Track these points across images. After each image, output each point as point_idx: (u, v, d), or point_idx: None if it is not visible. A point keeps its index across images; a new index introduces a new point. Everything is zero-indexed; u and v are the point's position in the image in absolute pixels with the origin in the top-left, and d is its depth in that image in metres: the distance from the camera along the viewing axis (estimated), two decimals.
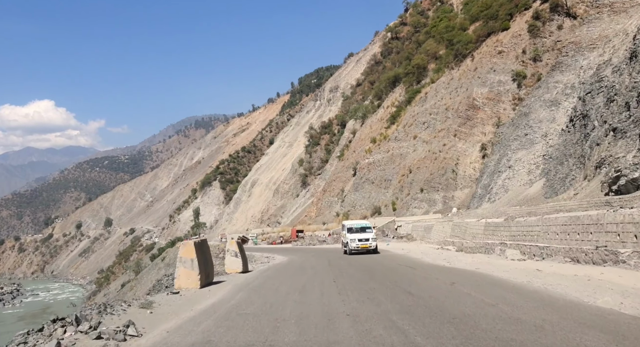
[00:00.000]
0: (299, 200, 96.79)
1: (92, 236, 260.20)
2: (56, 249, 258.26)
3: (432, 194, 49.68)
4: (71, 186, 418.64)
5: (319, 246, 37.91)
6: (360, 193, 61.61)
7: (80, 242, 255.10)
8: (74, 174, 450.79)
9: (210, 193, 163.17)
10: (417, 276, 12.75)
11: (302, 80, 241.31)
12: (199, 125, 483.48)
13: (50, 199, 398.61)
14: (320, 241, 41.10)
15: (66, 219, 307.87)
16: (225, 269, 14.80)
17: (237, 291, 10.75)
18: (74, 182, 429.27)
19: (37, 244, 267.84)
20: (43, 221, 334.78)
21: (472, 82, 56.99)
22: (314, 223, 66.24)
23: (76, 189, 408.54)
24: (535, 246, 12.69)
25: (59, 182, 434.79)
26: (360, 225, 25.18)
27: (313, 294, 9.89)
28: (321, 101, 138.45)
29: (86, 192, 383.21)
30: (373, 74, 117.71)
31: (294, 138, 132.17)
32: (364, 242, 22.59)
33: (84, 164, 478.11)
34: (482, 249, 16.73)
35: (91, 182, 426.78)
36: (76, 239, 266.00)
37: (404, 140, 60.29)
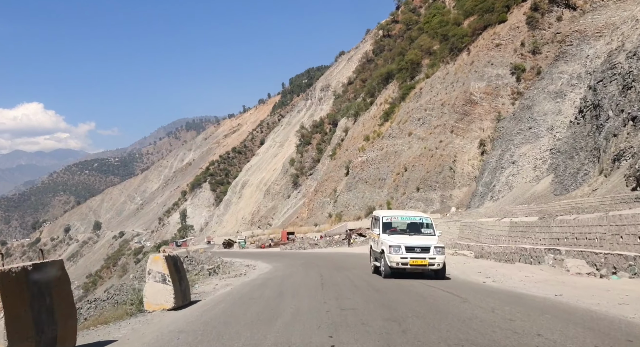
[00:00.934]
0: (290, 201, 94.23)
1: (80, 239, 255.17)
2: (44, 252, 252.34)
3: (429, 192, 47.43)
4: (60, 189, 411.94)
5: (310, 250, 35.06)
6: (353, 193, 59.22)
7: (68, 246, 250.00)
8: (63, 177, 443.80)
9: (200, 195, 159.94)
10: (482, 319, 6.22)
11: (292, 81, 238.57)
12: (190, 127, 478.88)
13: (39, 202, 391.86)
14: (311, 245, 38.32)
15: (54, 223, 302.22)
16: (145, 305, 7.89)
17: None
18: (63, 185, 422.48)
19: (24, 248, 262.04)
20: (31, 225, 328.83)
21: (468, 76, 54.91)
22: (306, 224, 63.74)
23: (65, 193, 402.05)
24: (609, 254, 9.39)
25: (48, 186, 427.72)
26: (412, 218, 13.43)
27: None
28: (312, 100, 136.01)
29: (76, 196, 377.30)
30: (365, 72, 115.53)
31: (285, 138, 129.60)
32: (420, 255, 11.34)
33: (73, 167, 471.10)
34: (515, 256, 13.82)
35: (81, 185, 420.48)
36: (64, 243, 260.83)
37: (399, 138, 58.03)
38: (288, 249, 37.99)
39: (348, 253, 27.06)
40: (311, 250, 34.42)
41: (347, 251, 28.98)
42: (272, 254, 32.89)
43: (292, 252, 34.45)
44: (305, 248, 36.74)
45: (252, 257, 26.89)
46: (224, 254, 35.26)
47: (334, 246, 35.26)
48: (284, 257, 25.70)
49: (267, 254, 33.64)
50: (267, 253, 34.91)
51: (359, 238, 30.10)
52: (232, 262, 20.79)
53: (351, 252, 27.34)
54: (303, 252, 32.69)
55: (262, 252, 37.03)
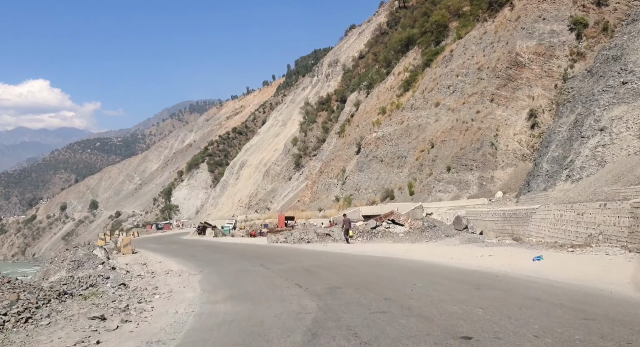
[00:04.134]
0: (292, 183, 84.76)
1: (76, 218, 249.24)
2: (39, 231, 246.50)
3: (464, 173, 37.69)
4: (61, 167, 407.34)
5: (321, 246, 20.83)
6: (365, 173, 49.57)
7: (64, 225, 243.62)
8: (65, 155, 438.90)
9: (197, 176, 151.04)
10: None
11: (298, 62, 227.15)
12: (193, 109, 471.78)
13: (40, 179, 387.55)
14: (319, 235, 23.56)
15: (51, 201, 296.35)
16: None
17: None
18: (65, 163, 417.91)
19: (19, 225, 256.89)
20: (28, 202, 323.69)
21: (513, 34, 44.67)
22: (308, 209, 54.33)
23: (66, 171, 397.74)
24: None
25: (49, 163, 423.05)
26: None
27: None
28: (319, 77, 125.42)
29: (76, 174, 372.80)
30: (378, 45, 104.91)
31: (287, 116, 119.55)
32: None
33: (75, 145, 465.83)
34: None
35: (82, 164, 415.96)
36: (60, 221, 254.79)
37: (423, 109, 48.09)
38: (281, 242, 24.86)
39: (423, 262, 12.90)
40: (322, 247, 20.14)
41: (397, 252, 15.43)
42: (253, 251, 21.04)
43: (287, 247, 22.02)
44: (311, 241, 23.24)
45: (210, 252, 17.98)
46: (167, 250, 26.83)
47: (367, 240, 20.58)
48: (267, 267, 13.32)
49: (241, 249, 23.17)
50: (245, 249, 23.15)
51: (396, 228, 19.91)
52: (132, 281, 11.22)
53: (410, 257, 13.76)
54: (310, 250, 19.07)
55: (239, 247, 25.58)
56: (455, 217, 19.97)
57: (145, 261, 17.92)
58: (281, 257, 16.66)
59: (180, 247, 28.00)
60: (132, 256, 20.40)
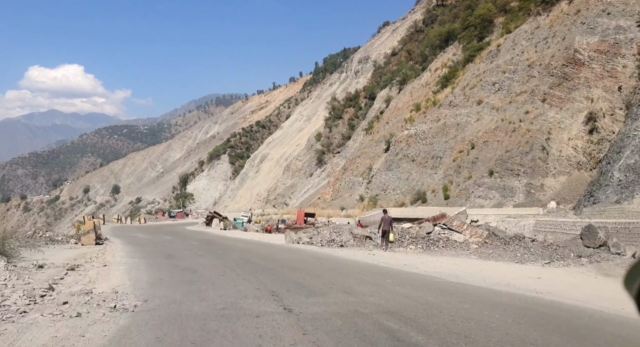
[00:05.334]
0: (312, 180, 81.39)
1: (98, 201, 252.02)
2: (61, 211, 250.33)
3: (509, 179, 33.55)
4: (88, 150, 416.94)
5: (362, 253, 14.85)
6: (394, 173, 45.75)
7: (86, 207, 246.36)
8: (93, 140, 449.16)
9: (217, 167, 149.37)
10: None
11: (327, 60, 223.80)
12: (219, 102, 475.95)
13: (67, 162, 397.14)
14: (357, 237, 17.58)
15: (75, 183, 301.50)
16: None
17: None
18: (92, 147, 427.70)
19: (42, 204, 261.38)
20: (52, 183, 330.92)
21: (572, 29, 40.16)
22: (329, 207, 50.86)
23: (93, 154, 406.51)
24: None
25: (77, 146, 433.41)
26: None
27: None
28: (348, 73, 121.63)
29: (102, 158, 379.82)
30: (412, 42, 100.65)
31: (313, 111, 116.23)
32: None
33: (103, 130, 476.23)
34: None
35: (108, 149, 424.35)
36: (82, 203, 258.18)
37: (463, 106, 43.97)
38: (304, 242, 18.31)
39: None
40: (368, 255, 13.93)
41: None
42: (264, 255, 14.06)
43: (318, 254, 14.29)
44: (346, 244, 16.89)
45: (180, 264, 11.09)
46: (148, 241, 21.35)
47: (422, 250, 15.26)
48: None
49: (251, 251, 15.46)
50: (255, 250, 16.01)
51: (453, 234, 15.69)
52: None
53: None
54: (351, 260, 12.58)
55: (248, 246, 18.27)
56: (586, 228, 13.44)
57: (94, 259, 12.23)
58: (310, 273, 9.48)
59: (171, 239, 22.36)
60: (89, 249, 15.05)
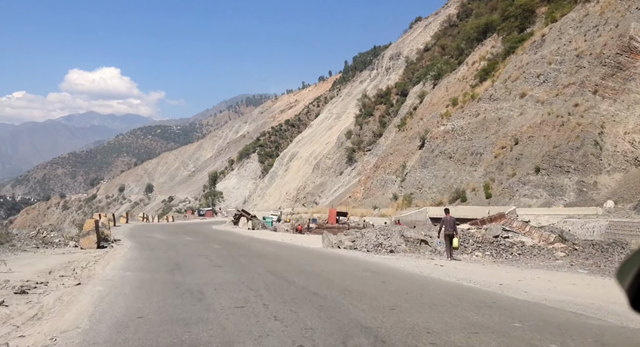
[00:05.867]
0: (343, 178, 79.84)
1: (132, 200, 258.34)
2: (98, 209, 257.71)
3: (557, 176, 31.04)
4: (124, 150, 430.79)
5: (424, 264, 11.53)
6: (430, 170, 43.67)
7: (121, 206, 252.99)
8: (128, 140, 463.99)
9: (247, 166, 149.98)
10: None
11: (356, 58, 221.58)
12: (249, 102, 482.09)
13: (104, 161, 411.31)
14: (410, 241, 14.91)
15: (111, 182, 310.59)
16: None
17: None
18: (127, 147, 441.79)
19: (80, 203, 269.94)
20: (89, 182, 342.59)
21: (626, 15, 37.05)
22: (361, 206, 49.22)
23: (128, 154, 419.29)
24: None
25: (113, 146, 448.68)
26: None
27: None
28: (378, 70, 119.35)
29: (137, 158, 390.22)
30: (445, 37, 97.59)
31: (342, 109, 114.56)
32: None
33: (138, 130, 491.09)
34: None
35: (143, 149, 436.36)
36: (117, 202, 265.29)
37: (505, 100, 41.43)
38: (346, 247, 15.39)
39: None
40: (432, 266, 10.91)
41: None
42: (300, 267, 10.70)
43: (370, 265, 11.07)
44: (397, 249, 14.40)
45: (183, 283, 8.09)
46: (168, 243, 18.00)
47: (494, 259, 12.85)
48: None
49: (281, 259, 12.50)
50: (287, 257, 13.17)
51: (518, 237, 13.30)
52: None
53: None
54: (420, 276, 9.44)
55: (278, 251, 15.24)
56: None
57: (77, 271, 9.75)
58: (376, 305, 6.42)
59: (190, 241, 19.59)
60: (85, 254, 12.64)
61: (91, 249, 14.30)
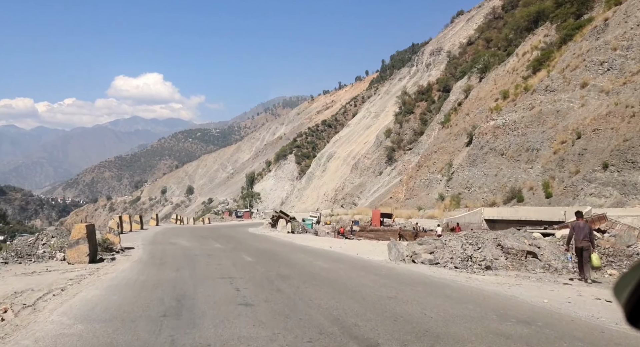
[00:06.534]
0: (382, 178, 77.40)
1: (174, 202, 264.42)
2: (142, 211, 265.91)
3: (631, 173, 27.67)
4: (166, 153, 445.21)
5: (574, 295, 7.65)
6: (479, 169, 40.77)
7: (163, 207, 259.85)
8: (170, 143, 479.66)
9: (284, 167, 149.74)
10: None
11: (394, 57, 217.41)
12: (286, 104, 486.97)
13: (147, 164, 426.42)
14: (511, 253, 11.32)
15: (154, 184, 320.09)
16: None
17: None
18: (169, 150, 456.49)
19: (125, 205, 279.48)
20: (134, 185, 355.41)
21: None
22: (403, 207, 46.82)
23: (170, 157, 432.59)
24: None
25: (156, 150, 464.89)
26: None
27: None
28: (418, 66, 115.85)
29: (178, 161, 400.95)
30: (490, 30, 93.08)
31: (381, 108, 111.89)
32: None
33: (179, 134, 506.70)
34: None
35: (184, 152, 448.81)
36: (160, 203, 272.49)
37: (563, 91, 38.00)
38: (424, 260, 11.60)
39: None
40: None
41: None
42: None
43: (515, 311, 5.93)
44: (493, 265, 10.86)
45: None
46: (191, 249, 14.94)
47: None
48: None
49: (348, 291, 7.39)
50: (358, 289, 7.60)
51: None
52: None
53: None
54: None
55: (335, 270, 10.62)
56: None
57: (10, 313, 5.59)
58: None
59: (219, 249, 15.54)
60: (61, 275, 9.35)
61: (81, 263, 10.91)
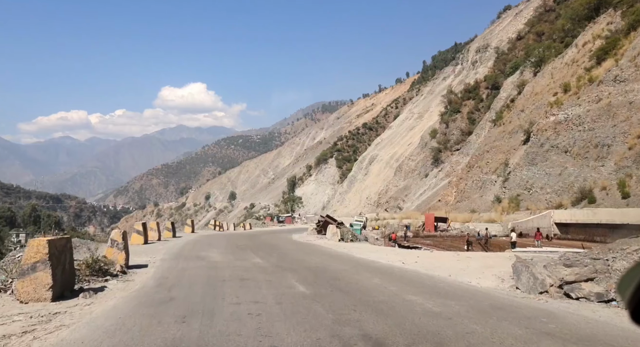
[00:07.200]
0: (428, 181, 74.28)
1: (217, 207, 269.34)
2: (186, 217, 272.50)
3: None
4: (209, 160, 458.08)
5: None
6: (540, 168, 37.49)
7: (207, 213, 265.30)
8: (213, 150, 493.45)
9: (325, 171, 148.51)
10: None
11: (435, 57, 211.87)
12: (325, 109, 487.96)
13: (192, 171, 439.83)
14: None
15: (198, 190, 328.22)
16: None
17: None
18: (212, 157, 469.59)
19: (172, 211, 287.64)
20: (179, 191, 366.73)
21: None
22: (454, 210, 44.02)
23: (213, 164, 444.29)
24: None
25: (200, 157, 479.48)
26: None
27: None
28: (463, 64, 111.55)
29: (221, 167, 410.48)
30: (542, 23, 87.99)
31: (424, 108, 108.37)
32: None
33: (222, 141, 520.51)
34: None
35: (226, 158, 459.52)
36: (204, 209, 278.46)
37: (635, 80, 34.22)
38: (586, 296, 6.00)
39: None
40: None
41: None
42: None
43: None
44: None
45: None
46: None
47: None
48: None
49: None
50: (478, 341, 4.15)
51: None
52: None
53: None
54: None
55: (439, 303, 6.26)
56: None
57: None
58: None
59: (258, 266, 11.17)
60: None
61: (39, 302, 6.38)
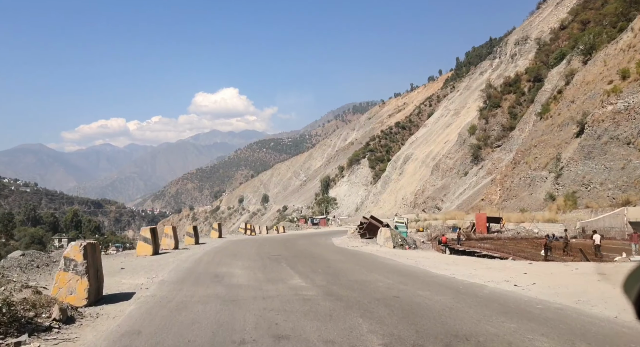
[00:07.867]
0: (468, 179, 70.86)
1: (251, 210, 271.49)
2: (221, 220, 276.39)
3: None
4: (242, 164, 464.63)
5: None
6: (598, 161, 34.22)
7: (241, 216, 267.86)
8: (245, 154, 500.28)
9: (357, 172, 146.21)
10: None
11: (469, 53, 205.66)
12: (356, 110, 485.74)
13: (225, 175, 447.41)
14: None
15: (231, 194, 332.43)
16: None
17: None
18: (245, 161, 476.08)
19: (206, 214, 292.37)
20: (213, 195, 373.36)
21: None
22: (501, 210, 41.00)
23: (246, 167, 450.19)
24: None
25: (233, 161, 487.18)
26: None
27: None
28: (501, 58, 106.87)
29: (253, 170, 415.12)
30: (586, 11, 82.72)
31: (461, 104, 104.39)
32: None
33: (254, 145, 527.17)
34: None
35: (258, 162, 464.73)
36: (238, 212, 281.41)
37: None
38: None
39: None
40: None
41: None
42: None
43: None
44: None
45: None
46: None
47: None
48: None
49: None
50: None
51: None
52: None
53: None
54: None
55: None
56: None
57: None
58: None
59: (302, 294, 7.15)
60: None
61: None
